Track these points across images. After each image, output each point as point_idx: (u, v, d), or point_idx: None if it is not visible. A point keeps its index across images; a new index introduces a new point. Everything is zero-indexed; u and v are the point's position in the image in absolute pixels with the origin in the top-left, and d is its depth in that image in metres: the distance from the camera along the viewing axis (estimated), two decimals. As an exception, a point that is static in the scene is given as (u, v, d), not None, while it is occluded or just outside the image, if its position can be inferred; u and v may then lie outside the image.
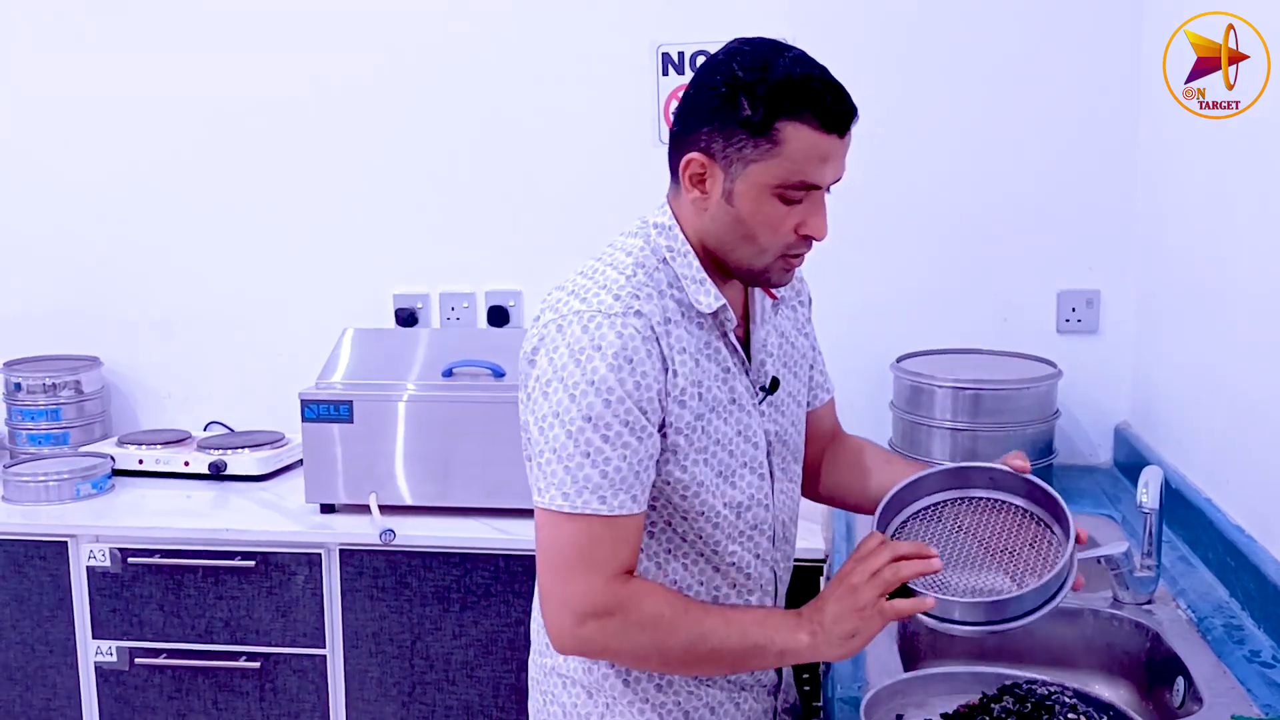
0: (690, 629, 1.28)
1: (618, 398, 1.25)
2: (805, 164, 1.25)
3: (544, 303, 1.35)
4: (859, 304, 2.60)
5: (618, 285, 1.30)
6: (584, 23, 2.64)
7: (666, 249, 1.34)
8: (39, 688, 2.45)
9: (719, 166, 1.28)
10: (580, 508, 1.26)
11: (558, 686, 1.45)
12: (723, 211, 1.30)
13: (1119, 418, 2.55)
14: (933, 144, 2.55)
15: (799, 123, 1.23)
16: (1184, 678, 1.57)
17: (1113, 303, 2.53)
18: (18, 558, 2.41)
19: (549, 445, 1.27)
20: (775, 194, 1.26)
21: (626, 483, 1.26)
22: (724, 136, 1.26)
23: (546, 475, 1.28)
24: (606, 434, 1.25)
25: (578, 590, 1.28)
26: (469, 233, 2.76)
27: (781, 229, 1.28)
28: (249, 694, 2.38)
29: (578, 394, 1.25)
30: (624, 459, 1.26)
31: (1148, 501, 1.72)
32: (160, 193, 2.86)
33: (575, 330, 1.27)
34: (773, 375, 1.43)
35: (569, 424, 1.25)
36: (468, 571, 2.28)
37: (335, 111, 2.76)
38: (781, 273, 1.34)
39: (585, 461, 1.25)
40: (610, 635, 1.29)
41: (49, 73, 2.86)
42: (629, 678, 1.40)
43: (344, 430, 2.35)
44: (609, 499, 1.26)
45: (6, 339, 2.91)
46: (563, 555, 1.29)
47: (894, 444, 2.42)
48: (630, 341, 1.25)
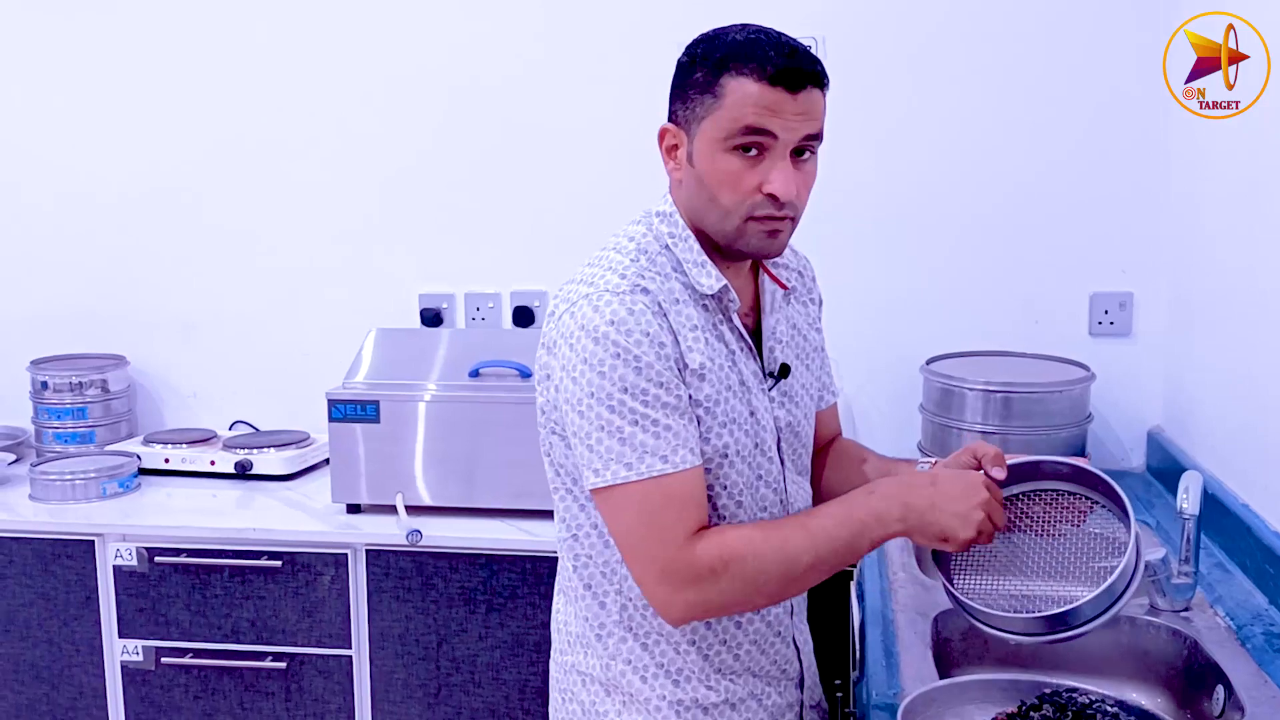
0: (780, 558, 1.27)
1: (646, 364, 1.26)
2: (745, 110, 1.26)
3: (556, 297, 1.38)
4: (889, 305, 2.58)
5: (622, 266, 1.33)
6: (608, 23, 2.63)
7: (668, 235, 1.37)
8: (65, 686, 2.45)
9: (683, 131, 1.33)
10: (645, 472, 1.26)
11: (576, 684, 1.45)
12: (689, 176, 1.33)
13: (1152, 422, 2.52)
14: (965, 145, 2.53)
15: (741, 76, 1.26)
16: (1223, 686, 1.54)
17: (1146, 305, 2.50)
18: (45, 556, 2.41)
19: (594, 425, 1.27)
20: (725, 148, 1.28)
21: (680, 438, 1.28)
22: (682, 102, 1.32)
23: (601, 454, 1.27)
24: (645, 399, 1.26)
25: (662, 557, 1.27)
26: (494, 233, 2.75)
27: (740, 186, 1.29)
28: (274, 694, 2.38)
29: (606, 369, 1.26)
30: (669, 417, 1.27)
31: (1188, 507, 1.69)
32: (187, 195, 2.87)
33: (586, 311, 1.28)
34: (783, 361, 1.43)
35: (608, 399, 1.26)
36: (494, 573, 2.27)
37: (362, 113, 2.76)
38: (761, 237, 1.32)
39: (636, 430, 1.26)
40: (710, 594, 1.28)
41: (76, 78, 2.86)
42: (646, 674, 1.40)
43: (371, 430, 2.35)
44: (670, 456, 1.27)
45: (34, 338, 2.92)
46: (640, 526, 1.28)
47: (923, 447, 2.40)
48: (642, 316, 1.28)
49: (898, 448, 2.49)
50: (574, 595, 1.44)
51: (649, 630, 1.39)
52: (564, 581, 1.47)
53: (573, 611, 1.44)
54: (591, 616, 1.41)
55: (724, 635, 1.41)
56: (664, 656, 1.40)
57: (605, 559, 1.39)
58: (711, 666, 1.41)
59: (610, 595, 1.40)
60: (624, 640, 1.40)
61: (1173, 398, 2.46)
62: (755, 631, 1.43)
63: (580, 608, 1.43)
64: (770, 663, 1.46)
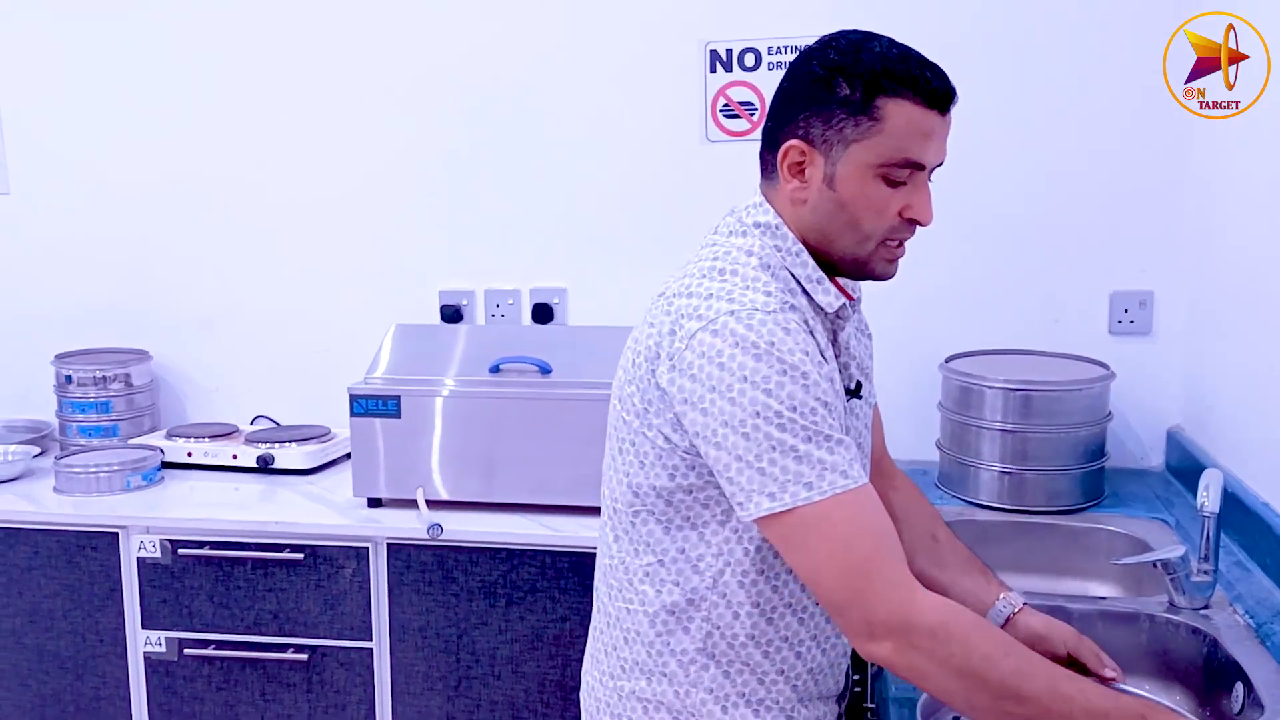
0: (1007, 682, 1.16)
1: (813, 380, 1.20)
2: (908, 141, 1.23)
3: (670, 312, 1.27)
4: (908, 302, 2.57)
5: (760, 283, 1.26)
6: (631, 20, 2.64)
7: (776, 248, 1.31)
8: (89, 677, 2.48)
9: (819, 152, 1.26)
10: (828, 490, 1.18)
11: (637, 710, 1.39)
12: (824, 198, 1.28)
13: (1171, 421, 2.51)
14: (984, 142, 2.52)
15: (900, 99, 1.23)
16: (1243, 684, 1.54)
17: (1166, 304, 2.50)
18: (69, 548, 2.44)
19: (760, 447, 1.18)
20: (879, 174, 1.25)
21: (852, 452, 1.21)
22: (823, 120, 1.25)
23: (774, 477, 1.19)
24: (814, 417, 1.19)
25: (863, 602, 1.18)
26: (514, 230, 2.77)
27: (886, 212, 1.26)
28: (296, 685, 2.40)
29: (772, 387, 1.18)
30: (836, 430, 1.21)
31: (1208, 505, 1.69)
32: (211, 192, 2.89)
33: (739, 330, 1.20)
34: (857, 379, 1.42)
35: (775, 418, 1.18)
36: (514, 567, 2.28)
37: (383, 112, 2.78)
38: (885, 263, 1.32)
39: (810, 446, 1.18)
40: (920, 655, 1.17)
41: (100, 77, 2.89)
42: (726, 704, 1.35)
43: (392, 425, 2.37)
44: (849, 471, 1.20)
45: (58, 333, 2.95)
46: (829, 559, 1.19)
47: (942, 445, 2.40)
48: (797, 335, 1.22)
49: (917, 446, 2.49)
50: (648, 620, 1.37)
51: (733, 659, 1.35)
52: (621, 607, 1.40)
53: (635, 638, 1.38)
54: (662, 644, 1.36)
55: (811, 664, 1.38)
56: (746, 686, 1.35)
57: (694, 585, 1.33)
58: (797, 696, 1.37)
59: (696, 622, 1.34)
60: (705, 668, 1.35)
61: (1192, 396, 2.45)
62: (836, 655, 1.41)
63: (649, 634, 1.37)
64: (835, 684, 1.44)
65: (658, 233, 2.67)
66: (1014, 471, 2.25)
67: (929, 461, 2.47)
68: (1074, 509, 2.24)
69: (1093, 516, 2.22)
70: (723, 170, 2.59)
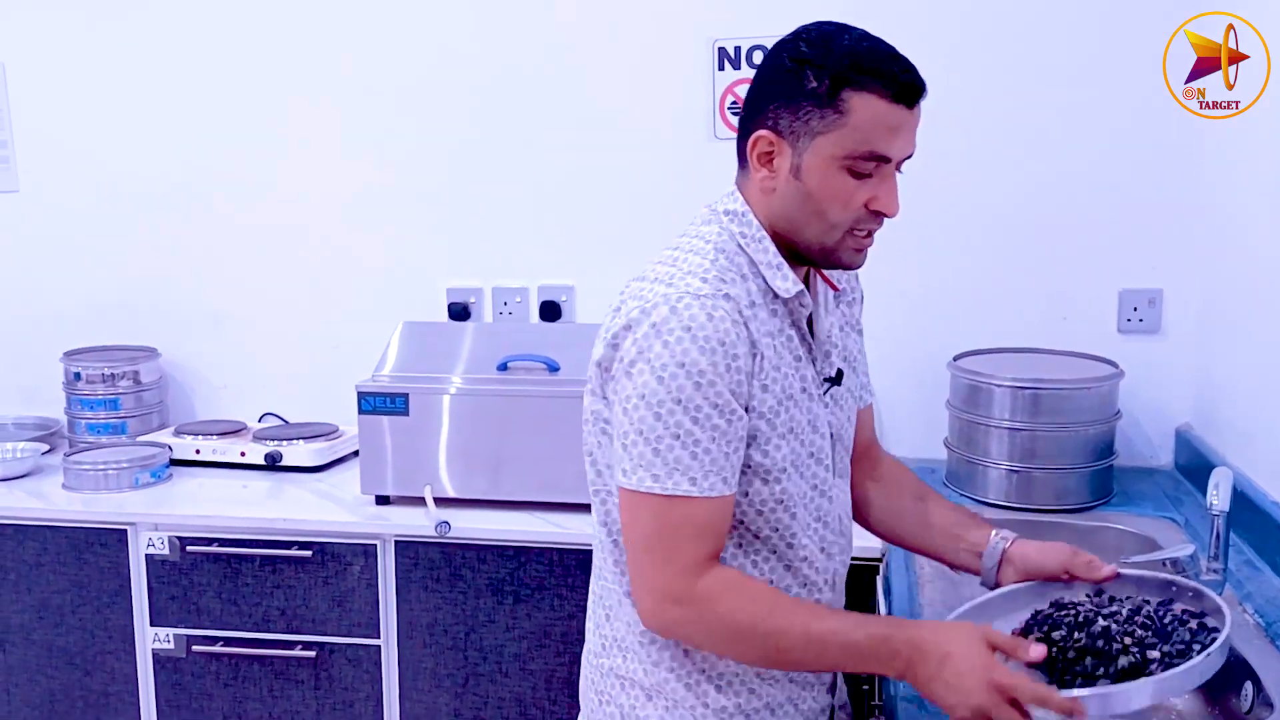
0: (770, 631, 1.27)
1: (709, 380, 1.23)
2: (873, 134, 1.24)
3: (623, 293, 1.33)
4: (916, 301, 2.58)
5: (702, 269, 1.29)
6: (639, 18, 2.64)
7: (740, 235, 1.34)
8: (98, 673, 2.49)
9: (786, 142, 1.28)
10: (671, 489, 1.25)
11: (615, 688, 1.43)
12: (791, 188, 1.30)
13: (1180, 419, 2.51)
14: (993, 139, 2.52)
15: (865, 92, 1.23)
16: (1252, 683, 1.53)
17: (1175, 302, 2.49)
18: (78, 545, 2.45)
19: (634, 427, 1.25)
20: (843, 166, 1.26)
21: (717, 464, 1.25)
22: (790, 111, 1.27)
23: (633, 457, 1.26)
24: (696, 416, 1.24)
25: (660, 574, 1.28)
26: (522, 228, 2.77)
27: (851, 204, 1.28)
28: (304, 682, 2.40)
29: (666, 376, 1.23)
30: (713, 440, 1.25)
31: (1218, 503, 1.68)
32: (218, 190, 2.90)
33: (663, 312, 1.25)
34: (838, 367, 1.42)
35: (656, 406, 1.24)
36: (522, 565, 2.28)
37: (390, 109, 2.78)
38: (852, 252, 1.33)
39: (675, 443, 1.24)
40: (689, 624, 1.30)
41: (109, 74, 2.90)
42: (690, 681, 1.38)
43: (400, 422, 2.37)
44: (699, 480, 1.25)
45: (67, 330, 2.96)
46: (648, 537, 1.29)
47: (950, 443, 2.40)
48: (721, 324, 1.24)
49: (925, 444, 2.49)
50: (616, 600, 1.41)
51: None
52: (603, 585, 1.45)
53: (613, 615, 1.42)
54: (634, 622, 1.38)
55: None
56: (706, 662, 1.38)
57: None
58: (753, 671, 1.39)
59: None
60: (667, 646, 1.38)
61: (1202, 395, 2.44)
62: None
63: (623, 612, 1.40)
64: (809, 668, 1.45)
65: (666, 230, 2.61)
66: (1022, 470, 2.25)
67: (937, 460, 2.46)
68: (1083, 507, 2.24)
69: (1101, 515, 2.21)
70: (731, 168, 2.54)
